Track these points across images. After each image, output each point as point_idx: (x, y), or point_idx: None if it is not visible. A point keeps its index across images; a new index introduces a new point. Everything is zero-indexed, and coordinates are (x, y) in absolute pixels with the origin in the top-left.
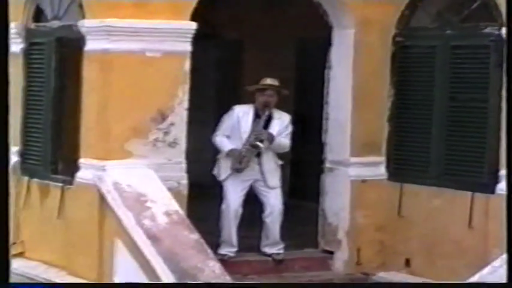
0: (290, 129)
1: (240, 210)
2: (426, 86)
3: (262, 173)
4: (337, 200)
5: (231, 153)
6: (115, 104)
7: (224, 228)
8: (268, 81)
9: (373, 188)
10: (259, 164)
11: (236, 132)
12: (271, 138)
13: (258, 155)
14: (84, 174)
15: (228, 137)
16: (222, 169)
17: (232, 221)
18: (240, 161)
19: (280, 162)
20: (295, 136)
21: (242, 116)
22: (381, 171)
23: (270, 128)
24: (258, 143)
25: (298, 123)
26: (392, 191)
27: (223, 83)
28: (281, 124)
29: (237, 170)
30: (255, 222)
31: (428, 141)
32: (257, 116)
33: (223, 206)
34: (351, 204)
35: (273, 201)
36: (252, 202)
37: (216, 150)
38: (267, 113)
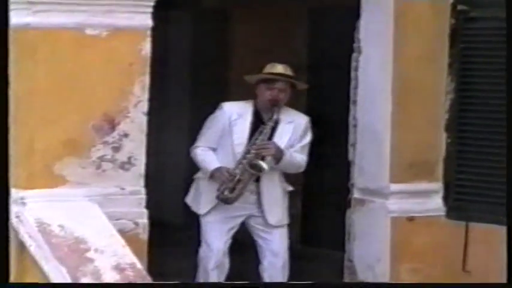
0: (308, 138)
1: (227, 262)
2: (503, 77)
3: (260, 205)
4: (371, 247)
5: (217, 175)
6: (40, 105)
7: None
8: (279, 68)
9: (424, 229)
10: (257, 191)
11: (226, 144)
12: (279, 155)
13: (257, 178)
14: None
15: (214, 150)
16: (203, 198)
17: (215, 276)
18: (233, 188)
19: (290, 188)
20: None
21: (236, 119)
22: (436, 204)
23: (276, 136)
24: (261, 163)
25: (311, 132)
26: (454, 234)
27: (201, 72)
28: (294, 131)
29: (226, 200)
30: (249, 277)
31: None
32: (258, 119)
33: (202, 254)
34: (392, 253)
35: (276, 247)
36: (245, 246)
37: (193, 170)
38: (275, 116)
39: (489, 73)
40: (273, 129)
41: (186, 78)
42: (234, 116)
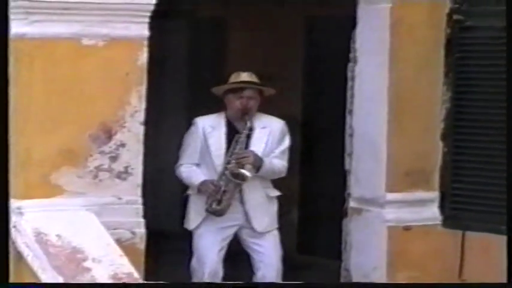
0: (287, 142)
1: (221, 273)
2: (499, 86)
3: (245, 212)
4: (368, 256)
5: (203, 188)
6: (37, 115)
7: None
8: (244, 76)
9: (420, 238)
10: (241, 200)
11: (206, 157)
12: (258, 163)
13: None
14: None
15: (197, 165)
16: (192, 213)
17: None
18: (220, 199)
19: (276, 193)
20: (303, 162)
21: (210, 132)
22: (433, 213)
23: (252, 143)
24: (243, 171)
25: (308, 142)
26: (450, 243)
27: (198, 81)
28: (270, 136)
29: (215, 212)
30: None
31: (504, 169)
32: (232, 129)
33: (195, 266)
34: (389, 261)
35: (268, 258)
36: (238, 255)
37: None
38: (248, 123)
39: (485, 82)
40: (248, 137)
41: (183, 88)
42: (208, 129)
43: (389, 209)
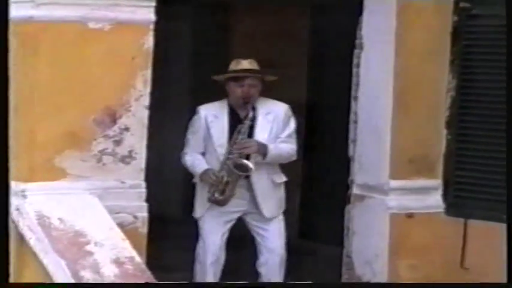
0: (293, 125)
1: (223, 256)
2: (504, 75)
3: (254, 199)
4: (370, 243)
5: (205, 178)
6: (42, 98)
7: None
8: (244, 64)
9: (423, 225)
10: (249, 187)
11: (210, 146)
12: (263, 150)
13: (246, 175)
14: None
15: (203, 154)
16: (198, 201)
17: (211, 272)
18: (223, 190)
19: (282, 179)
20: (307, 148)
21: (213, 121)
22: (436, 200)
23: (257, 130)
24: (246, 162)
25: (312, 128)
26: (452, 231)
27: (202, 66)
28: (275, 121)
29: (218, 202)
30: (246, 273)
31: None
32: (235, 116)
33: (199, 250)
34: (391, 249)
35: (271, 244)
36: (243, 241)
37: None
38: (251, 113)
39: (491, 71)
40: (252, 124)
41: (187, 73)
42: (210, 118)
43: (393, 196)
